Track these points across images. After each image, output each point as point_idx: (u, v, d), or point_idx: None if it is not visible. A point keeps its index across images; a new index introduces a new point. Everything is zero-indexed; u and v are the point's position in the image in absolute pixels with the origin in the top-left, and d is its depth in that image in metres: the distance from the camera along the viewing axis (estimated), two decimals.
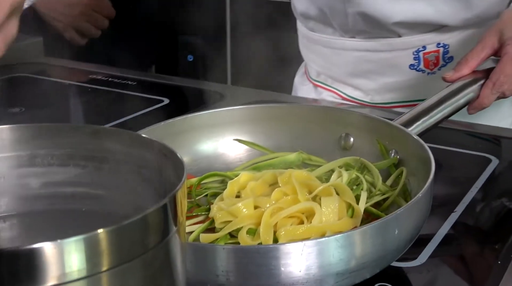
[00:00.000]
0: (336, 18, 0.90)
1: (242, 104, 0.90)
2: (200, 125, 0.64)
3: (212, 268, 0.44)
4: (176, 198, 0.36)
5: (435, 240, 0.58)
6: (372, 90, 0.94)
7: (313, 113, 0.65)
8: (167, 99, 0.96)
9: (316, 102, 0.97)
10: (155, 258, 0.35)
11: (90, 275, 0.31)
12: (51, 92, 1.03)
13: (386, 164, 0.60)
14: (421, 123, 0.62)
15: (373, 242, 0.46)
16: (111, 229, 0.32)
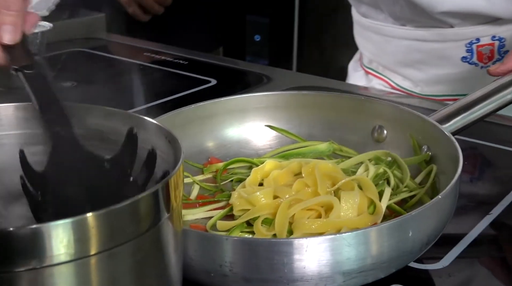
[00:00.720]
0: (385, 4, 0.87)
1: (286, 88, 0.90)
2: (232, 110, 0.63)
3: (216, 258, 0.43)
4: (169, 185, 0.35)
5: (463, 242, 0.55)
6: (421, 81, 0.90)
7: (347, 103, 0.63)
8: (214, 80, 0.95)
9: (366, 90, 0.95)
10: (146, 244, 0.35)
11: (78, 258, 0.31)
12: (105, 68, 1.04)
13: (417, 160, 0.58)
14: (460, 119, 0.59)
15: (383, 243, 0.44)
16: (100, 213, 0.32)
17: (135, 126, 0.42)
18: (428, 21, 0.85)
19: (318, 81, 0.95)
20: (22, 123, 0.44)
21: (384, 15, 0.90)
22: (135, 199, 0.33)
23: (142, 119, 0.42)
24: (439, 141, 0.56)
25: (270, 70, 1.01)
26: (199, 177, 0.60)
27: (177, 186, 0.36)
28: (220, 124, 0.63)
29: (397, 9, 0.86)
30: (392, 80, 0.94)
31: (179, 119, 0.60)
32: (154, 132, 0.42)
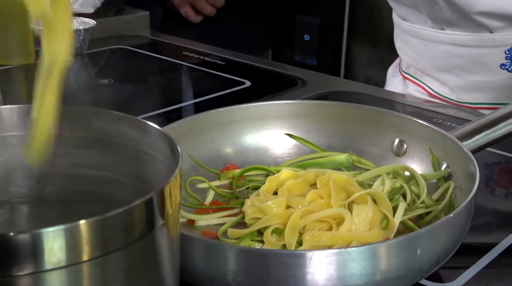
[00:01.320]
0: (424, 4, 0.85)
1: (320, 92, 0.89)
2: (252, 117, 0.63)
3: (219, 266, 0.43)
4: (164, 193, 0.36)
5: (479, 264, 0.53)
6: (458, 88, 0.89)
7: (368, 115, 0.62)
8: (248, 81, 0.95)
9: (402, 97, 0.93)
10: (139, 251, 0.35)
11: (70, 264, 0.32)
12: (143, 66, 1.05)
13: (435, 176, 0.57)
14: (482, 137, 0.57)
15: (390, 260, 0.43)
16: (93, 220, 0.32)
17: (140, 131, 0.43)
18: (467, 23, 0.83)
19: (353, 87, 0.94)
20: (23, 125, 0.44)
21: (424, 17, 0.88)
22: (128, 207, 0.33)
23: (146, 124, 0.42)
24: (458, 159, 0.55)
25: (305, 73, 1.00)
26: (215, 182, 0.60)
27: (173, 193, 0.37)
28: (239, 131, 0.63)
29: (435, 9, 0.84)
30: (429, 86, 0.93)
31: (198, 124, 0.61)
32: (157, 138, 0.42)
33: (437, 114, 0.84)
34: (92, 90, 0.94)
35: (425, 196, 0.55)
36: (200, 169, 0.60)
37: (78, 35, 1.05)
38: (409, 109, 0.88)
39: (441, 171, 0.57)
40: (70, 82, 1.01)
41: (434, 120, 0.81)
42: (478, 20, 0.82)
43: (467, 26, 0.84)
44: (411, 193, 0.55)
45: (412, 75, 0.96)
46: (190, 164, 0.60)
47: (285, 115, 0.63)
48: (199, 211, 0.56)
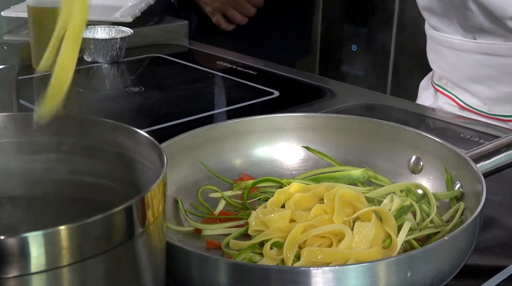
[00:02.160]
0: (455, 11, 0.85)
1: (348, 104, 0.89)
2: (268, 128, 0.64)
3: (207, 277, 0.44)
4: (145, 200, 0.37)
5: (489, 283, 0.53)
6: (489, 99, 0.88)
7: (386, 131, 0.62)
8: (277, 92, 0.96)
9: (433, 111, 0.93)
10: (118, 258, 0.36)
11: (49, 269, 0.33)
12: (175, 74, 1.07)
13: (447, 196, 0.56)
14: (497, 159, 0.57)
15: (377, 281, 0.43)
16: (72, 226, 0.33)
17: (131, 140, 0.44)
18: (499, 31, 0.82)
19: (381, 99, 0.94)
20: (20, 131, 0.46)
21: (455, 27, 0.88)
22: (107, 214, 0.34)
23: (139, 133, 0.44)
24: (470, 179, 0.54)
25: (336, 84, 1.01)
26: (228, 192, 0.61)
27: (154, 202, 0.37)
28: (255, 142, 0.63)
29: (467, 15, 0.84)
30: (459, 98, 0.92)
31: (214, 134, 0.62)
32: (148, 147, 0.43)
33: (466, 129, 0.83)
34: (121, 98, 0.97)
35: (435, 215, 0.54)
36: (214, 178, 0.61)
37: (114, 43, 1.08)
38: (439, 124, 0.88)
39: (454, 191, 0.56)
40: (103, 89, 1.04)
41: (462, 135, 0.80)
42: (509, 26, 0.81)
43: (499, 34, 0.83)
44: (421, 212, 0.55)
45: (443, 87, 0.95)
46: (204, 173, 0.61)
47: (302, 127, 0.64)
48: (207, 221, 0.57)
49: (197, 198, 0.59)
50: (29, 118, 0.45)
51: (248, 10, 1.38)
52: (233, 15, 1.38)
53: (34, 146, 0.45)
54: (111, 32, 1.11)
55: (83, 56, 1.09)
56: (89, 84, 1.04)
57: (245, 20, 1.40)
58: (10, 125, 0.46)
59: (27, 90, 0.99)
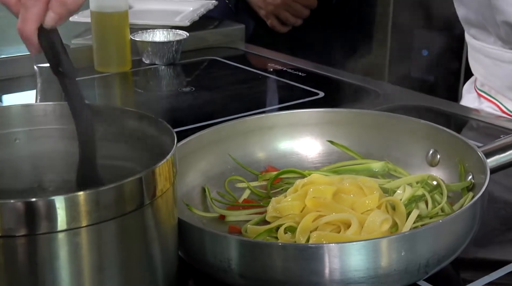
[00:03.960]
0: (491, 27, 0.87)
1: (392, 105, 0.92)
2: (294, 123, 0.68)
3: (216, 254, 0.49)
4: (153, 174, 0.43)
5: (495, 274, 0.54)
6: None
7: (406, 126, 0.66)
8: (322, 92, 1.00)
9: (477, 112, 0.94)
10: (129, 224, 0.42)
11: (71, 228, 0.40)
12: (226, 75, 1.13)
13: (459, 187, 0.59)
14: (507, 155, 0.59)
15: (374, 258, 0.47)
16: (89, 192, 0.40)
17: (153, 127, 0.50)
18: None
19: (426, 101, 0.96)
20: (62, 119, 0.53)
21: (493, 38, 0.89)
22: (119, 183, 0.41)
23: (158, 121, 0.50)
24: (480, 171, 0.57)
25: (381, 85, 1.04)
26: (254, 183, 0.66)
27: (161, 178, 0.43)
28: (281, 136, 0.68)
29: (502, 31, 0.85)
30: (502, 104, 0.94)
31: (241, 128, 0.67)
32: (164, 131, 0.49)
33: (506, 129, 0.84)
34: (172, 98, 1.03)
35: (445, 204, 0.57)
36: (240, 170, 0.66)
37: (170, 46, 1.15)
38: (481, 124, 0.90)
39: (465, 182, 0.59)
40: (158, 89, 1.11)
41: (502, 136, 0.82)
42: None
43: None
44: (433, 201, 0.58)
45: (486, 93, 0.97)
46: (232, 165, 0.66)
47: (327, 122, 0.68)
48: (231, 208, 0.62)
49: (224, 188, 0.64)
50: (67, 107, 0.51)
51: (301, 11, 1.43)
52: (286, 17, 1.43)
53: (72, 132, 0.51)
54: (169, 36, 1.18)
55: (142, 58, 1.16)
56: (146, 85, 1.12)
57: (299, 22, 1.45)
58: (52, 113, 0.53)
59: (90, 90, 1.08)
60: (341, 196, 0.58)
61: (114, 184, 0.41)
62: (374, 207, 0.56)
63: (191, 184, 0.63)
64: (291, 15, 1.42)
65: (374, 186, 0.59)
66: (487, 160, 0.57)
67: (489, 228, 0.61)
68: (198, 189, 0.64)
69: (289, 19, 1.43)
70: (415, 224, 0.55)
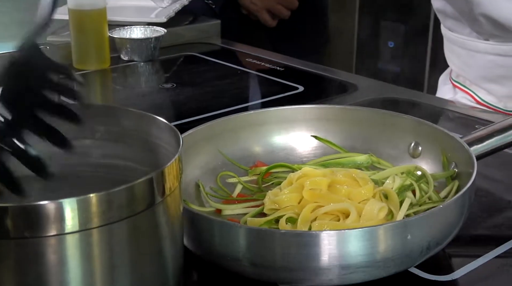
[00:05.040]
0: (466, 19, 0.91)
1: (369, 98, 0.96)
2: (281, 119, 0.71)
3: (230, 243, 0.52)
4: (163, 174, 0.45)
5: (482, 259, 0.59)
6: (504, 97, 0.94)
7: (388, 120, 0.69)
8: (302, 87, 1.04)
9: (451, 103, 0.99)
10: (140, 223, 0.44)
11: (82, 229, 0.41)
12: (206, 71, 1.16)
13: (443, 175, 0.63)
14: (487, 144, 0.63)
15: (382, 242, 0.51)
16: (100, 194, 0.41)
17: (154, 127, 0.52)
18: (509, 35, 0.88)
19: (403, 93, 1.01)
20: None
21: (468, 29, 0.94)
22: (130, 184, 0.42)
23: (160, 121, 0.52)
24: (465, 160, 0.61)
25: (357, 79, 1.08)
26: (244, 178, 0.69)
27: (170, 177, 0.45)
28: (269, 132, 0.71)
29: (478, 24, 0.90)
30: (477, 94, 0.98)
31: (231, 124, 0.70)
32: (168, 133, 0.51)
33: (481, 120, 0.89)
34: (155, 94, 1.06)
35: (432, 192, 0.62)
36: (231, 166, 0.69)
37: (149, 42, 1.17)
38: (457, 115, 0.94)
39: (449, 171, 0.63)
40: (139, 86, 1.14)
41: (477, 126, 0.87)
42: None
43: (510, 37, 0.89)
44: (420, 190, 0.62)
45: (461, 84, 1.02)
46: (222, 161, 0.69)
47: (312, 118, 0.72)
48: (226, 202, 0.65)
49: (216, 183, 0.68)
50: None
51: (292, 3, 1.47)
52: (279, 10, 1.46)
53: (71, 132, 0.52)
54: (146, 32, 1.20)
55: (120, 55, 1.19)
56: (126, 82, 1.14)
57: (288, 14, 1.48)
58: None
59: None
60: (336, 187, 0.61)
61: (126, 184, 0.42)
62: (369, 196, 0.59)
63: (185, 179, 0.66)
64: (283, 7, 1.45)
65: (366, 177, 0.62)
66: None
67: (473, 215, 0.65)
68: (192, 184, 0.66)
69: (282, 11, 1.46)
70: (408, 212, 0.59)
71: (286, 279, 0.53)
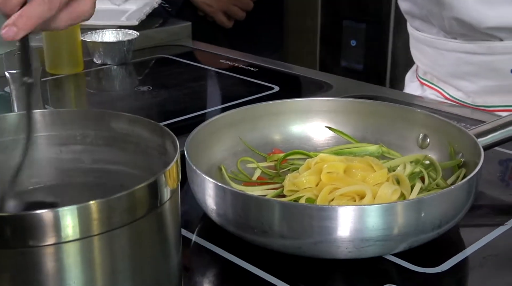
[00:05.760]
0: (435, 20, 0.99)
1: (344, 96, 1.06)
2: (297, 110, 0.79)
3: (258, 216, 0.59)
4: (163, 178, 0.46)
5: (468, 250, 0.65)
6: (472, 93, 1.03)
7: (398, 112, 0.77)
8: (277, 87, 1.11)
9: (421, 99, 1.09)
10: (141, 229, 0.45)
11: (82, 237, 0.42)
12: (181, 73, 1.21)
13: (451, 164, 0.72)
14: (494, 136, 0.72)
15: (399, 218, 0.58)
16: (101, 201, 0.42)
17: (146, 130, 0.55)
18: (477, 35, 0.97)
19: (377, 90, 1.09)
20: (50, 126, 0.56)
21: (436, 29, 1.02)
22: (131, 190, 0.43)
23: (155, 124, 0.55)
24: (471, 151, 0.69)
25: (332, 78, 1.15)
26: (262, 163, 0.76)
27: (170, 181, 0.47)
28: (286, 122, 0.79)
29: (446, 25, 0.98)
30: (445, 91, 1.07)
31: (251, 113, 0.77)
32: (163, 136, 0.53)
33: (453, 115, 0.98)
34: (132, 97, 1.11)
35: (440, 179, 0.69)
36: (250, 152, 0.77)
37: (122, 46, 1.24)
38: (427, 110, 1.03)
39: (456, 160, 0.72)
40: (113, 89, 1.20)
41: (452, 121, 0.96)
42: (488, 32, 0.95)
43: (478, 36, 0.97)
44: (428, 177, 0.71)
45: (429, 81, 1.09)
46: (242, 147, 0.76)
47: (326, 110, 0.79)
48: (247, 184, 0.72)
49: (237, 167, 0.76)
50: (57, 114, 0.56)
51: (247, 4, 1.57)
52: (235, 11, 1.56)
53: (62, 138, 0.56)
54: (119, 36, 1.26)
55: (93, 59, 1.25)
56: (101, 86, 1.19)
57: (244, 15, 1.58)
58: (41, 121, 0.56)
59: (42, 92, 1.14)
60: (352, 171, 0.68)
61: (127, 190, 0.43)
62: (384, 180, 0.66)
63: (208, 163, 0.73)
64: (239, 9, 1.55)
65: (380, 163, 0.72)
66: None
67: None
68: (215, 168, 0.73)
69: (238, 13, 1.56)
70: (418, 196, 0.67)
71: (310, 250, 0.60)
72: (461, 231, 0.68)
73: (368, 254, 0.60)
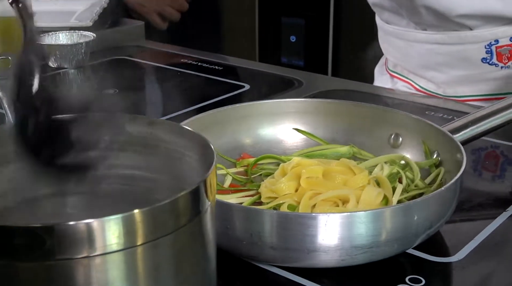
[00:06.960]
0: (405, 11, 0.98)
1: (316, 92, 1.02)
2: (265, 112, 0.75)
3: (247, 227, 0.55)
4: (207, 182, 0.43)
5: (479, 237, 0.63)
6: (443, 83, 1.01)
7: (368, 112, 0.74)
8: (247, 85, 1.07)
9: (392, 91, 1.06)
10: (184, 236, 0.43)
11: (126, 247, 0.39)
12: (144, 74, 1.17)
13: (427, 163, 0.69)
14: (469, 131, 0.69)
15: (391, 223, 0.55)
16: (145, 210, 0.39)
17: (173, 134, 0.51)
18: (448, 25, 0.96)
19: (348, 85, 1.06)
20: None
21: (406, 21, 1.01)
22: (175, 197, 0.41)
23: (180, 127, 0.51)
24: (448, 148, 0.66)
25: (301, 74, 1.12)
26: (232, 169, 0.71)
27: (212, 183, 0.44)
28: (254, 125, 0.74)
29: (417, 15, 0.97)
30: (416, 83, 1.06)
31: (218, 117, 0.72)
32: (189, 138, 0.50)
33: (427, 106, 0.96)
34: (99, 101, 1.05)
35: (419, 180, 0.67)
36: (218, 158, 0.72)
37: (79, 48, 1.16)
38: (399, 102, 1.00)
39: (432, 159, 0.69)
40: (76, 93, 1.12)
41: (427, 113, 0.93)
42: (458, 21, 0.94)
43: (448, 26, 0.96)
44: (406, 178, 0.67)
45: (399, 74, 1.09)
46: None
47: (295, 111, 0.75)
48: (220, 192, 0.67)
49: None
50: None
51: (182, 5, 1.51)
52: (170, 12, 1.50)
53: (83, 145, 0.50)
54: (73, 38, 1.18)
55: (48, 62, 1.16)
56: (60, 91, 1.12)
57: (179, 16, 1.52)
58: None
59: None
60: (331, 174, 0.65)
61: (170, 198, 0.41)
62: (365, 183, 0.64)
63: None
64: (174, 10, 1.49)
65: (358, 165, 0.67)
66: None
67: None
68: None
69: (173, 14, 1.49)
70: (400, 197, 0.64)
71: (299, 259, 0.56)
72: (460, 226, 0.66)
73: (361, 261, 0.57)
